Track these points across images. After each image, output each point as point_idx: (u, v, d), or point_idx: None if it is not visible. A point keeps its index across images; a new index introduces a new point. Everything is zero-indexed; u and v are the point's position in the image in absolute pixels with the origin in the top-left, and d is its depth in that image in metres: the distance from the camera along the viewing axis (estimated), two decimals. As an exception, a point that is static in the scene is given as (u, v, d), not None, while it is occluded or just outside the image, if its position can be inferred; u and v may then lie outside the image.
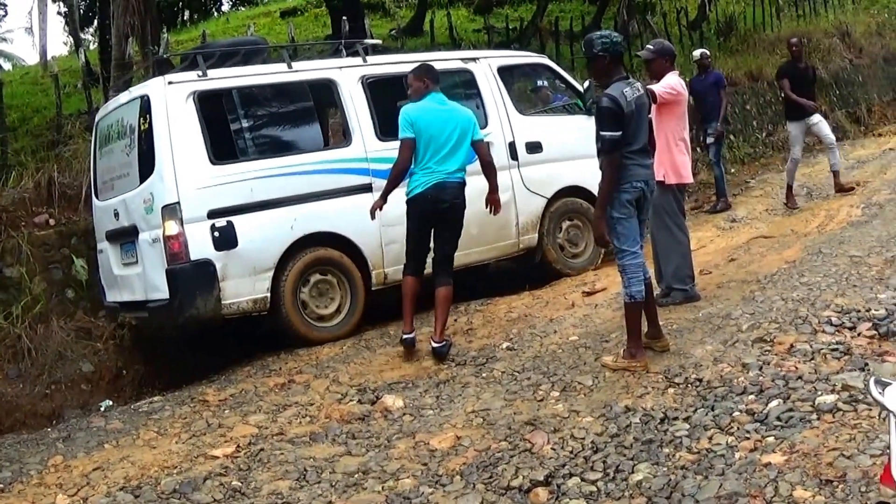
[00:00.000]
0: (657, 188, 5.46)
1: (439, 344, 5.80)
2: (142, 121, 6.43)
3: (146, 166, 6.36)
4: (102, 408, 6.36)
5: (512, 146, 7.59)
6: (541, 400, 4.85)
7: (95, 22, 21.93)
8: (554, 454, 4.15)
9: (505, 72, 7.92)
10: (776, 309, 5.46)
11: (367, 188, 6.76)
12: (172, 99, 6.35)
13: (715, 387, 4.48)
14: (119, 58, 9.47)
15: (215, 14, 27.36)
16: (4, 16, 27.47)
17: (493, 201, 6.12)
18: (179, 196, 6.18)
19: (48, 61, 16.52)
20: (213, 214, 6.26)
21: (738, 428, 3.96)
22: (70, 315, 7.25)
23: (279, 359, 6.33)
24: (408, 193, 5.90)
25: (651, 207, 5.45)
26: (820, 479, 3.34)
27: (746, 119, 14.32)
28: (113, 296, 7.01)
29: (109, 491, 4.38)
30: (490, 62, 7.87)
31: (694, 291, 6.14)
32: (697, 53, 10.89)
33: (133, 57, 9.59)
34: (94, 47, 19.19)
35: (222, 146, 6.52)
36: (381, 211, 6.00)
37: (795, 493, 3.29)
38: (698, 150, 10.63)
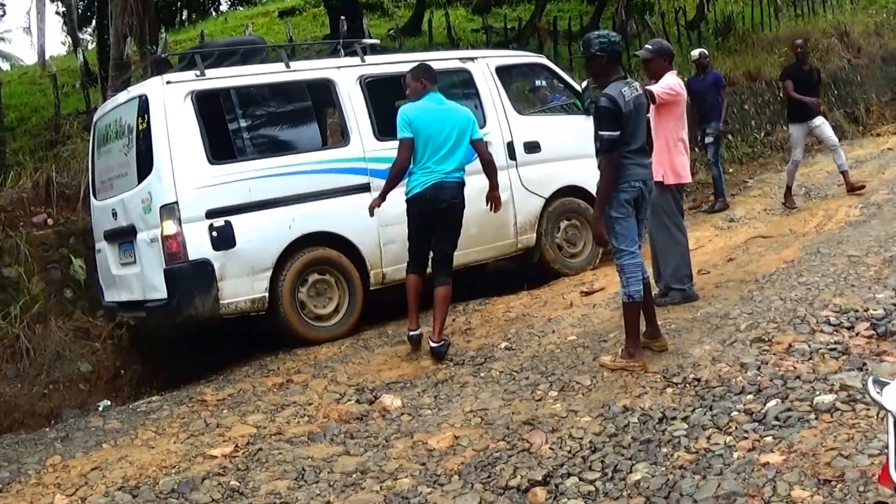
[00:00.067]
0: (656, 188, 5.46)
1: (437, 343, 5.79)
2: (140, 120, 6.43)
3: (144, 166, 6.36)
4: (101, 407, 6.37)
5: (510, 146, 7.59)
6: (539, 400, 4.85)
7: (94, 22, 21.92)
8: (552, 454, 4.14)
9: (503, 71, 7.92)
10: (774, 309, 5.46)
11: (366, 188, 6.75)
12: (171, 99, 6.35)
13: (713, 386, 4.48)
14: (117, 57, 9.45)
15: (213, 14, 27.38)
16: (3, 15, 27.52)
17: (494, 198, 6.12)
18: (178, 196, 6.18)
19: (46, 61, 16.50)
20: (212, 214, 6.26)
21: (737, 428, 3.97)
22: (68, 315, 7.25)
23: (277, 359, 6.33)
24: (407, 193, 5.90)
25: (650, 207, 5.46)
26: (818, 479, 3.34)
27: (745, 119, 14.32)
28: (111, 295, 7.01)
29: (108, 491, 4.38)
30: (488, 62, 7.87)
31: (692, 291, 6.15)
32: (696, 53, 10.87)
33: (131, 57, 9.59)
34: (93, 47, 19.18)
35: (220, 146, 6.52)
36: (379, 209, 6.00)
37: (793, 493, 3.29)
38: (696, 150, 10.63)
